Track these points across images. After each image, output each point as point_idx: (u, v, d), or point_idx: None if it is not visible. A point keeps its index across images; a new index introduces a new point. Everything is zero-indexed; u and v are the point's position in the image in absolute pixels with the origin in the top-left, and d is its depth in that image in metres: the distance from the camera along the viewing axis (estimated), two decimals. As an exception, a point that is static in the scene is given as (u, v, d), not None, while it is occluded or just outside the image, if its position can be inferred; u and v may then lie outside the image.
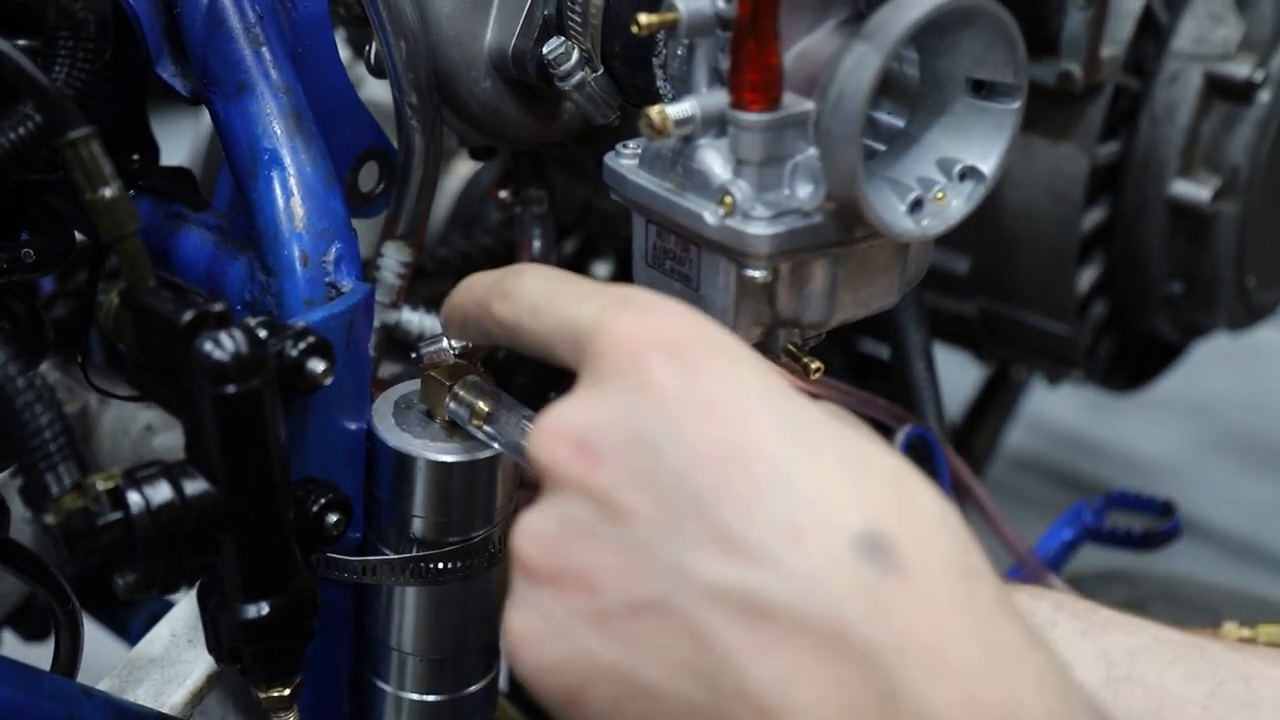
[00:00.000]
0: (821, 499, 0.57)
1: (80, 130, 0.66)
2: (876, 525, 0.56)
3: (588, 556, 0.59)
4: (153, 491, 0.66)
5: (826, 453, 0.58)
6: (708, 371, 0.59)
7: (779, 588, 0.56)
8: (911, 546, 0.57)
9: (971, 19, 0.68)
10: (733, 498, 0.57)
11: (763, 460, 0.57)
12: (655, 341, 0.60)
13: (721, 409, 0.58)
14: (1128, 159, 1.15)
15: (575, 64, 0.82)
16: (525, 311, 0.67)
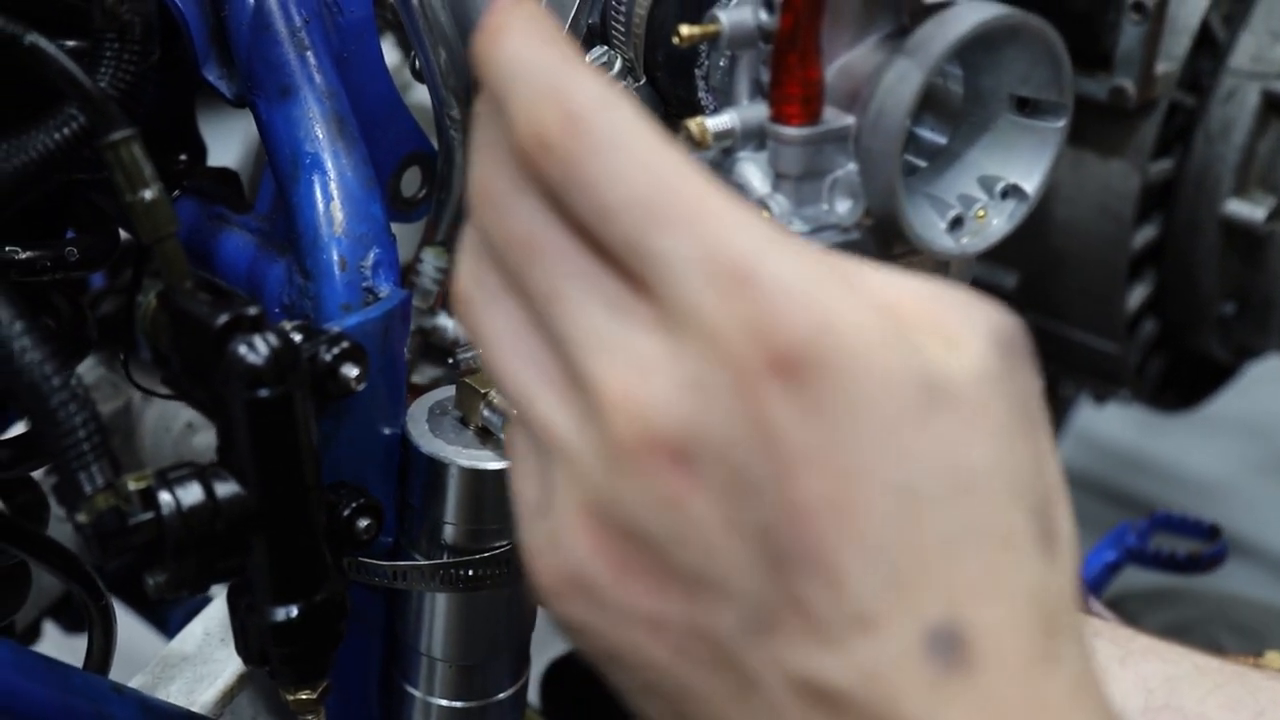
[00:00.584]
0: (907, 584, 0.51)
1: (122, 132, 0.67)
2: (955, 615, 0.51)
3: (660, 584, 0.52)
4: (184, 493, 0.66)
5: (929, 529, 0.51)
6: (831, 410, 0.49)
7: (846, 677, 0.51)
8: (987, 638, 0.51)
9: (1017, 35, 0.67)
10: (821, 570, 0.50)
11: (863, 532, 0.50)
12: (775, 361, 0.48)
13: (834, 461, 0.49)
14: (1181, 177, 1.13)
15: (618, 73, 0.81)
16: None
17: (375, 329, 0.76)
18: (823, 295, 0.48)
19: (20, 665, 0.72)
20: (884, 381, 0.49)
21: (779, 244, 0.49)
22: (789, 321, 0.48)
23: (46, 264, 0.77)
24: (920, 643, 0.51)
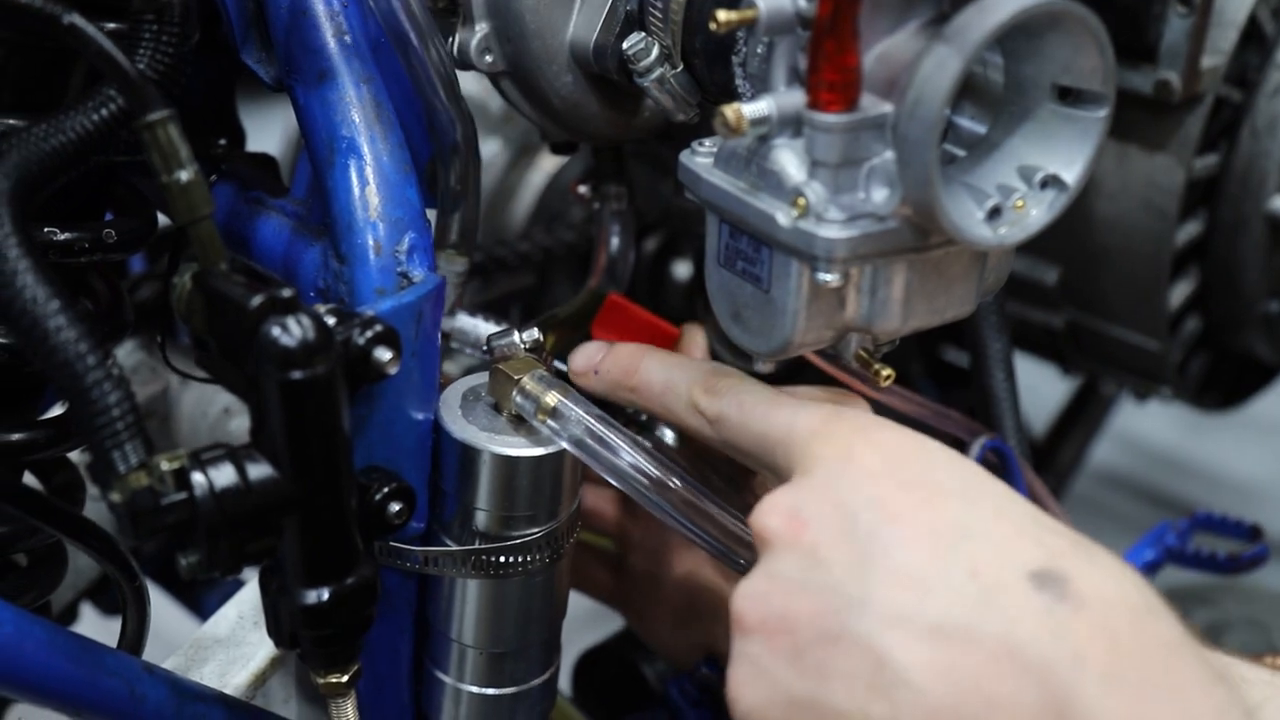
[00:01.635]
0: (1001, 545, 0.63)
1: (159, 113, 0.67)
2: (1053, 564, 0.61)
3: (789, 603, 0.65)
4: (217, 474, 0.66)
5: (1009, 513, 0.64)
6: (908, 455, 0.67)
7: (955, 608, 0.61)
8: (1087, 584, 0.61)
9: (1058, 23, 0.66)
10: (916, 544, 0.63)
11: (947, 516, 0.64)
12: (866, 440, 0.67)
13: (915, 483, 0.65)
14: (1226, 172, 1.12)
15: (655, 60, 0.81)
16: (734, 409, 0.75)
17: (409, 313, 0.76)
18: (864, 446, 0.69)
19: (53, 643, 0.72)
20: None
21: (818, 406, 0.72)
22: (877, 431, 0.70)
23: (84, 245, 0.77)
24: (1025, 579, 0.61)
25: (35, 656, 0.71)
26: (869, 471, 0.66)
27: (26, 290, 0.64)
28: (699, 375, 0.78)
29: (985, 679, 0.60)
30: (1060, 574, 0.61)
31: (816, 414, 0.70)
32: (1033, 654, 0.60)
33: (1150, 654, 0.60)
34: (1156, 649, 0.60)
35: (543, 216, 1.34)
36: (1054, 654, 0.59)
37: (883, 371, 0.75)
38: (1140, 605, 0.62)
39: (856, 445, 0.67)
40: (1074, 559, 0.62)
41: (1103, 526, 1.70)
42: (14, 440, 0.79)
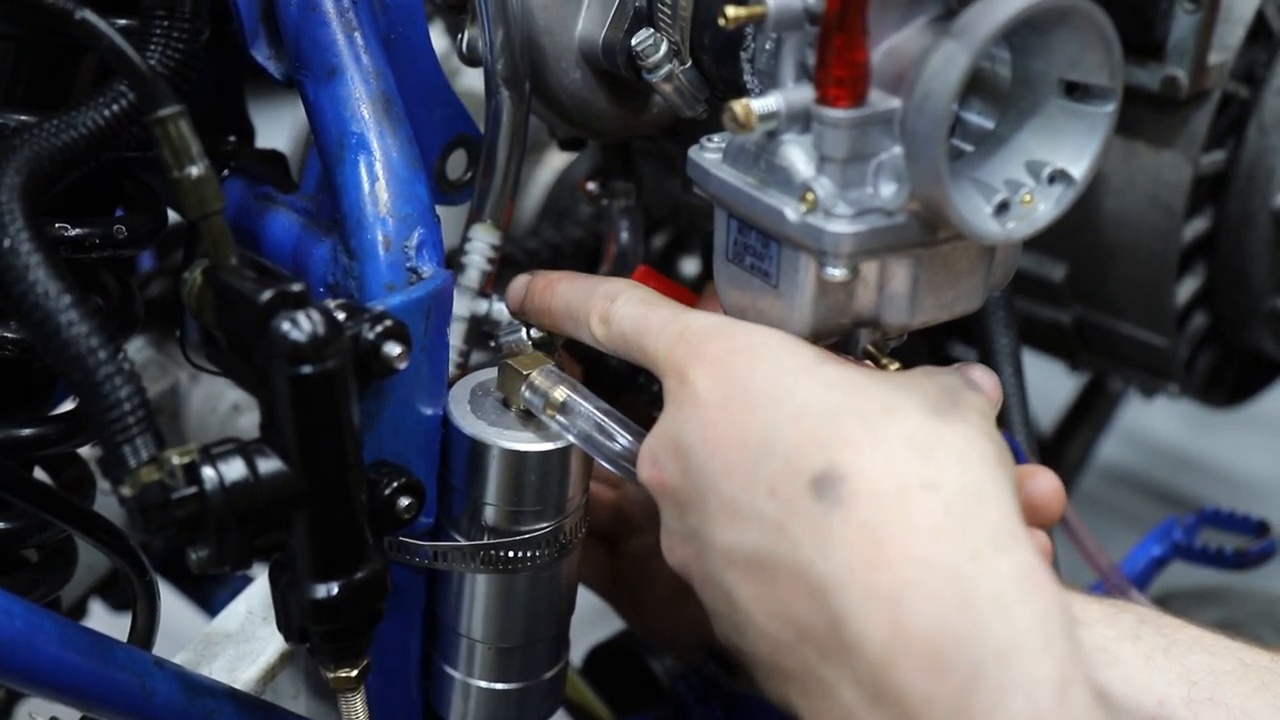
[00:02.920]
0: (791, 454, 0.64)
1: (170, 109, 0.67)
2: (832, 463, 0.62)
3: (676, 553, 0.70)
4: (227, 468, 0.67)
5: (810, 410, 0.65)
6: (732, 367, 0.67)
7: (761, 538, 0.63)
8: (859, 477, 0.62)
9: (1066, 18, 0.66)
10: (731, 472, 0.65)
11: (754, 430, 0.65)
12: (699, 360, 0.68)
13: (733, 397, 0.66)
14: (1233, 169, 1.12)
15: (664, 56, 0.81)
16: (619, 340, 0.75)
17: (418, 309, 0.76)
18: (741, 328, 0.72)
19: (64, 638, 0.72)
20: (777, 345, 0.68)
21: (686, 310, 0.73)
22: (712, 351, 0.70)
23: (95, 241, 0.78)
24: (807, 489, 0.62)
25: (46, 650, 0.71)
26: (697, 398, 0.67)
27: (39, 285, 0.65)
28: (595, 299, 0.77)
29: (790, 608, 0.62)
30: (838, 474, 0.62)
31: (663, 339, 0.71)
32: (813, 575, 0.61)
33: (909, 546, 0.60)
34: (915, 539, 0.60)
35: (551, 213, 1.34)
36: (827, 571, 0.61)
37: (891, 366, 0.75)
38: (909, 484, 0.61)
39: (690, 369, 0.68)
40: (856, 449, 0.63)
41: (1110, 523, 1.71)
42: (25, 435, 0.80)
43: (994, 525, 0.60)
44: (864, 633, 0.59)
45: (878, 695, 0.58)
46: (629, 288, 0.77)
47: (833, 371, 0.66)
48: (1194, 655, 0.73)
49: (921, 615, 0.58)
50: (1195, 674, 0.73)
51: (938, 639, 0.57)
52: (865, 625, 0.59)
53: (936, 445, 0.63)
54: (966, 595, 0.58)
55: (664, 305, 0.74)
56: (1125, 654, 0.74)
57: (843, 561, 0.60)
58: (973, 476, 0.62)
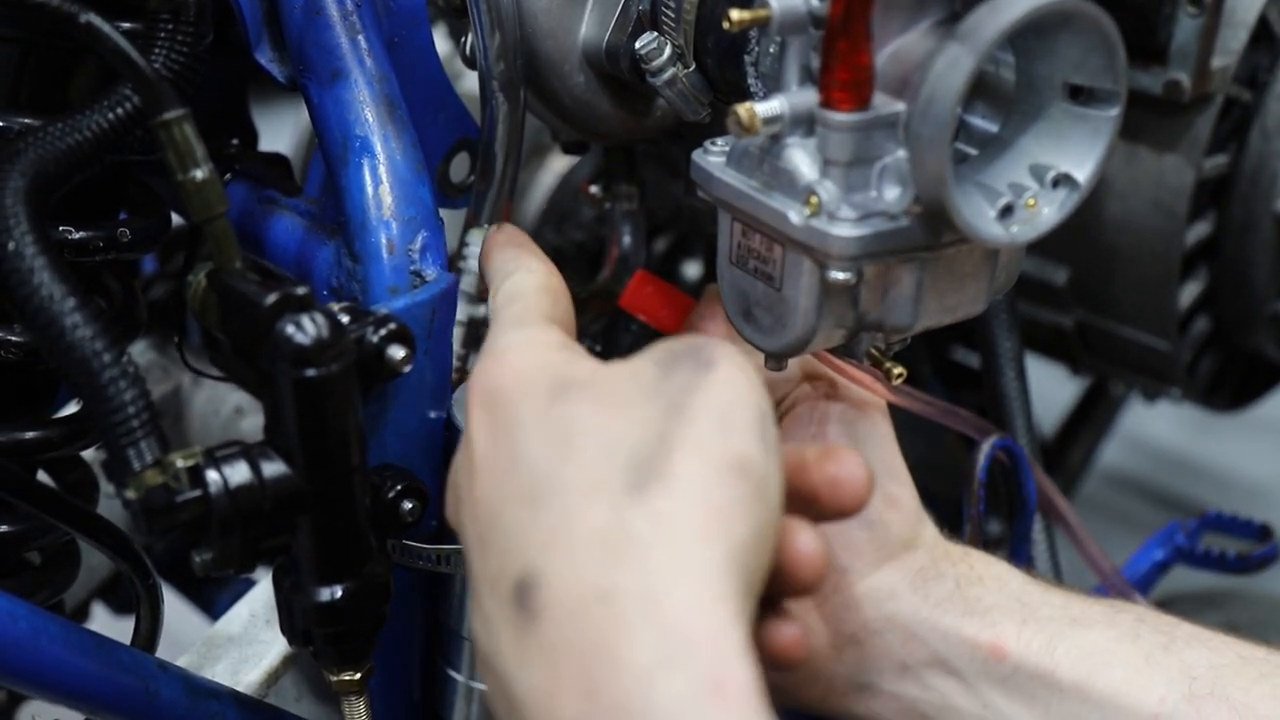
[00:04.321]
0: (508, 545, 0.61)
1: (174, 112, 0.67)
2: (529, 567, 0.59)
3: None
4: (231, 471, 0.67)
5: (520, 498, 0.61)
6: (493, 421, 0.64)
7: (479, 634, 0.62)
8: (548, 586, 0.58)
9: (1070, 22, 0.66)
10: (471, 552, 0.64)
11: (487, 514, 0.63)
12: (481, 398, 0.65)
13: (486, 465, 0.63)
14: (1236, 173, 1.12)
15: (667, 60, 0.81)
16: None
17: (422, 312, 0.76)
18: (521, 351, 0.66)
19: (68, 640, 0.72)
20: (524, 390, 0.63)
21: (520, 327, 0.69)
22: (492, 368, 0.65)
23: (99, 244, 0.78)
24: (509, 597, 0.59)
25: (50, 653, 0.72)
26: (473, 443, 0.64)
27: (43, 288, 0.65)
28: (496, 276, 0.75)
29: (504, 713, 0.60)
30: (533, 580, 0.58)
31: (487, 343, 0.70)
32: (512, 693, 0.58)
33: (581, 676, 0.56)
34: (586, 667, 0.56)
35: (553, 216, 1.34)
36: (518, 694, 0.58)
37: (894, 370, 0.75)
38: (591, 595, 0.57)
39: (475, 403, 0.65)
40: (550, 549, 0.59)
41: (1112, 527, 1.71)
42: (28, 438, 0.80)
43: (669, 635, 0.55)
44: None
45: None
46: (518, 282, 0.73)
47: (561, 414, 0.62)
48: (1192, 651, 0.74)
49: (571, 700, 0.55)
50: (1195, 670, 0.73)
51: None
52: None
53: (623, 539, 0.58)
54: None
55: (512, 311, 0.71)
56: (1125, 654, 0.74)
57: (527, 684, 0.57)
58: (656, 574, 0.57)
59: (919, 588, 0.76)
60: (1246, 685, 0.72)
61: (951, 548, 0.78)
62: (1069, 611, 0.75)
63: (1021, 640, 0.74)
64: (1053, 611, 0.75)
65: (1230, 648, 0.74)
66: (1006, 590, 0.76)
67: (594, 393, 0.63)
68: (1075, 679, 0.73)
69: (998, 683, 0.74)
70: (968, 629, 0.75)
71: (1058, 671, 0.73)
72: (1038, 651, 0.74)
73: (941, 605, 0.75)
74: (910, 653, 0.76)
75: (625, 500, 0.58)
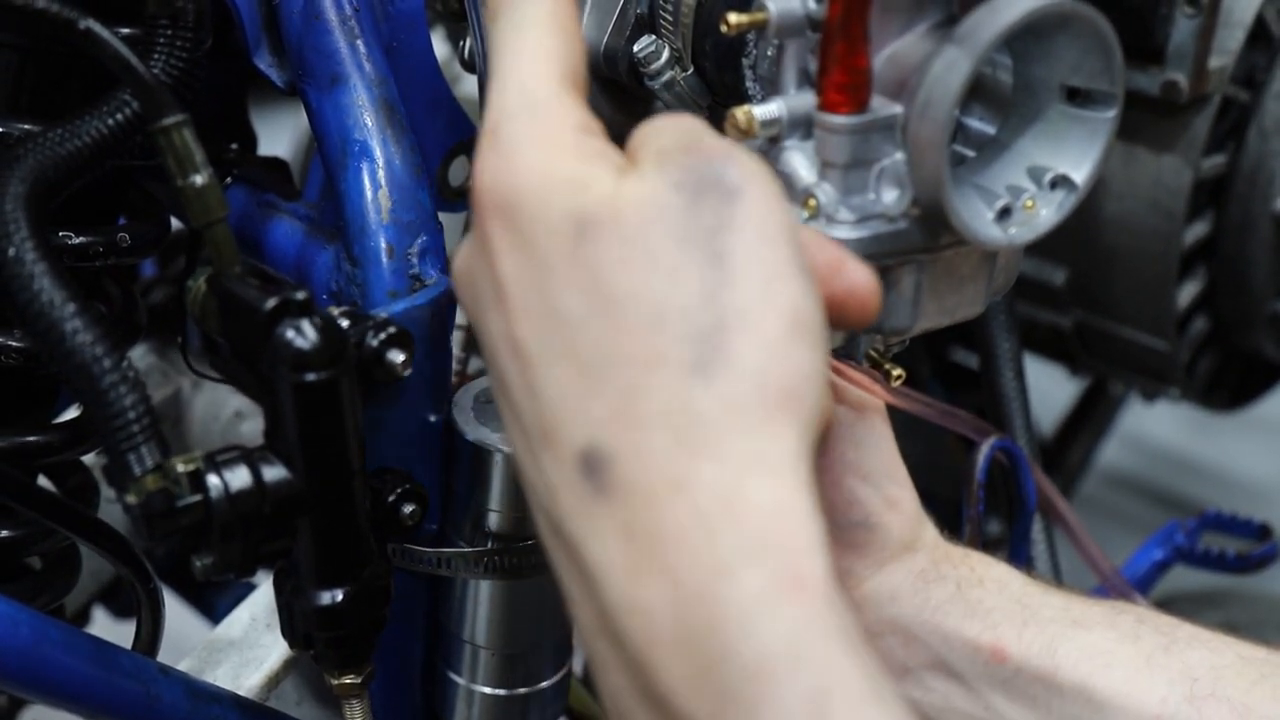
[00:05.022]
0: (560, 407, 0.58)
1: (173, 117, 0.68)
2: (595, 440, 0.57)
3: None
4: (232, 476, 0.67)
5: (570, 360, 0.58)
6: (517, 242, 0.59)
7: (540, 486, 0.59)
8: (618, 464, 0.57)
9: (1067, 24, 0.66)
10: (515, 385, 0.60)
11: (528, 368, 0.59)
12: (492, 204, 0.60)
13: (515, 291, 0.59)
14: (1234, 173, 1.12)
15: (665, 63, 0.81)
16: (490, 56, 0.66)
17: (422, 315, 0.76)
18: (532, 149, 0.60)
19: (69, 645, 0.73)
20: (547, 218, 0.58)
21: (530, 108, 0.61)
22: (503, 170, 0.60)
23: (99, 249, 0.78)
24: (575, 465, 0.57)
25: (51, 658, 0.72)
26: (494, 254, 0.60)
27: (44, 294, 0.65)
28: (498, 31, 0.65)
29: (567, 575, 0.59)
30: (601, 454, 0.56)
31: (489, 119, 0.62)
32: (582, 555, 0.57)
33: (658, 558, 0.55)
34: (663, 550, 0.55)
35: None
36: (591, 559, 0.57)
37: (894, 371, 0.75)
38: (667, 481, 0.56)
39: (487, 210, 0.60)
40: (615, 425, 0.56)
41: (1111, 527, 1.71)
42: (29, 443, 0.80)
43: (748, 531, 0.55)
44: (626, 633, 0.56)
45: (644, 690, 0.56)
46: (524, 14, 0.64)
47: (590, 261, 0.57)
48: (1193, 652, 0.74)
49: (672, 635, 0.55)
50: (1196, 671, 0.73)
51: (691, 657, 0.54)
52: (626, 627, 0.56)
53: (693, 424, 0.56)
54: (712, 617, 0.54)
55: (518, 72, 0.63)
56: (1126, 655, 0.74)
57: (604, 557, 0.56)
58: (731, 467, 0.56)
59: (920, 590, 0.76)
60: (1247, 686, 0.72)
61: (952, 550, 0.78)
62: (1069, 613, 0.75)
63: (1023, 642, 0.74)
64: (1053, 613, 0.75)
65: (1230, 648, 0.74)
66: (1007, 592, 0.76)
67: (620, 236, 0.58)
68: (1076, 680, 0.73)
69: (999, 685, 0.74)
70: (969, 631, 0.75)
71: (1059, 673, 0.73)
72: (1039, 653, 0.74)
73: (942, 608, 0.75)
74: (911, 655, 0.76)
75: (690, 380, 0.56)
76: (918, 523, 0.78)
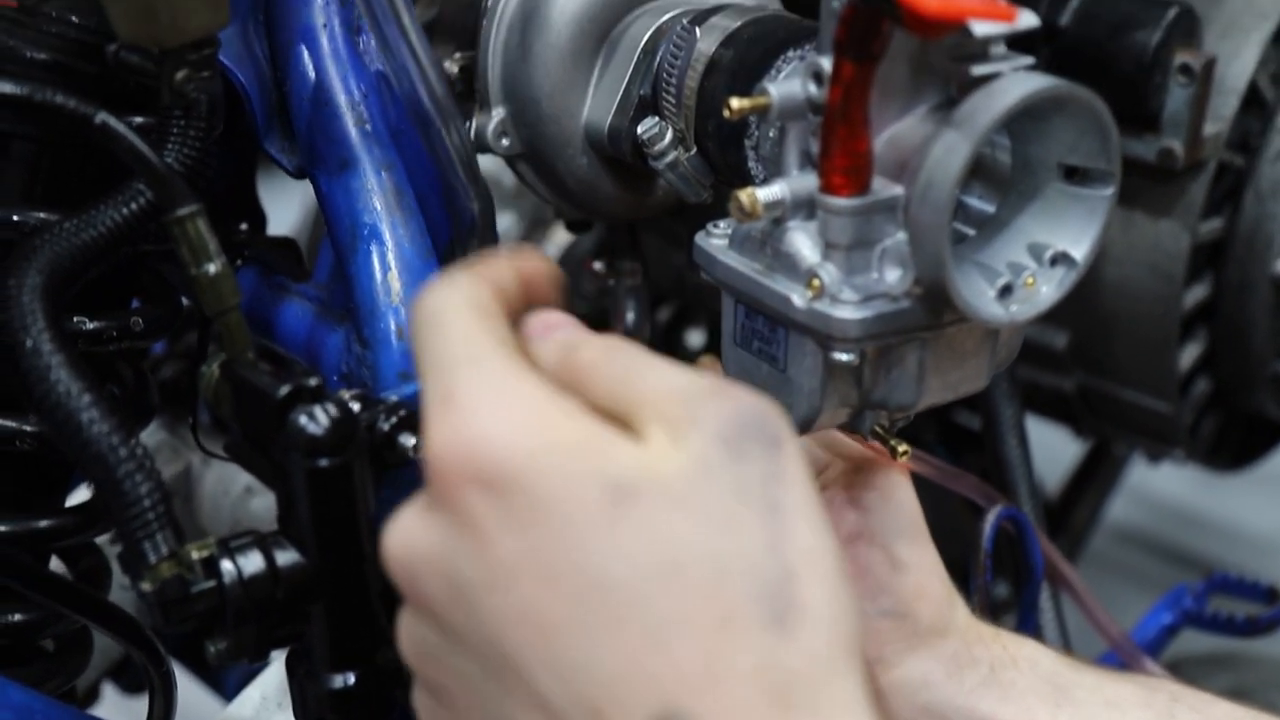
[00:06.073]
0: (619, 678, 0.53)
1: (188, 208, 0.69)
2: (673, 704, 0.53)
3: (439, 677, 0.59)
4: (245, 561, 0.67)
5: (624, 627, 0.53)
6: (521, 518, 0.54)
7: None
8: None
9: (1064, 106, 0.68)
10: (542, 667, 0.54)
11: (561, 644, 0.54)
12: (472, 474, 0.54)
13: (527, 568, 0.54)
14: (1232, 236, 1.13)
15: (669, 144, 0.83)
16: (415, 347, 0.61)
17: (431, 397, 0.77)
18: (506, 410, 0.54)
19: (84, 729, 0.73)
20: (566, 487, 0.53)
21: (486, 360, 0.55)
22: (473, 436, 0.54)
23: (112, 334, 0.79)
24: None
25: (66, 743, 0.72)
26: (483, 533, 0.55)
27: (60, 385, 0.66)
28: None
29: None
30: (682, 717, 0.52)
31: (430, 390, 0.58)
32: None
33: None
34: None
35: (557, 289, 1.35)
36: None
37: (899, 447, 0.76)
38: None
39: (463, 482, 0.55)
40: (697, 687, 0.52)
41: (1119, 584, 1.70)
42: (42, 527, 0.81)
43: None
44: None
45: None
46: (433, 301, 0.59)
47: (641, 526, 0.53)
48: None
49: None
50: None
51: None
52: None
53: (785, 681, 0.53)
54: None
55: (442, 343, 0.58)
56: None
57: None
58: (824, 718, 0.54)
59: (953, 675, 0.76)
60: None
61: (983, 629, 0.78)
62: (1103, 693, 0.75)
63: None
64: (1086, 694, 0.75)
65: None
66: (1039, 672, 0.76)
67: (669, 498, 0.54)
68: None
69: None
70: (1004, 716, 0.74)
71: None
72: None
73: (975, 692, 0.75)
74: None
75: (771, 635, 0.53)
76: (949, 606, 0.78)
